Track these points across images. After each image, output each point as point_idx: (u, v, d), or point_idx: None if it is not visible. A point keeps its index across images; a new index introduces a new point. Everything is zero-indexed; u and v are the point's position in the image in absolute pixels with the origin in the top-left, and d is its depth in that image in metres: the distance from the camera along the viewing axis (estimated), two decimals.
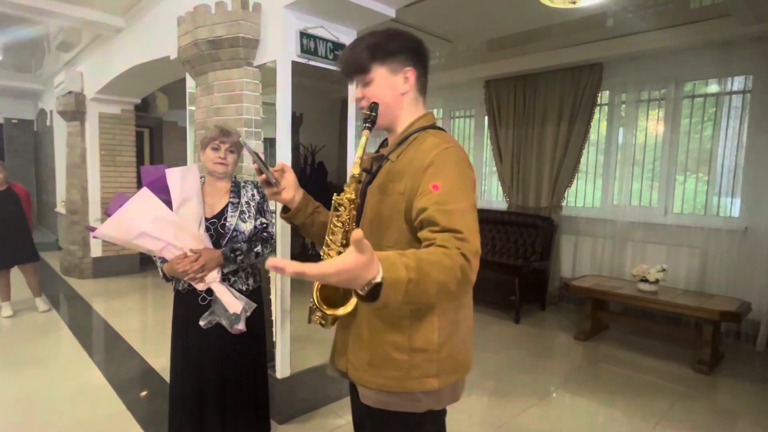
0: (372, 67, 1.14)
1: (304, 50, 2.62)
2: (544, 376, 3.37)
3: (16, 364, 3.40)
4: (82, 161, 6.01)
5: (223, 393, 1.99)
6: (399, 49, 1.14)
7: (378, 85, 1.15)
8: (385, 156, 1.19)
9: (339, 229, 1.16)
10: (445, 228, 0.97)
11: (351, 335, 1.23)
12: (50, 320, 4.40)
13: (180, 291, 1.99)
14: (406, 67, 1.15)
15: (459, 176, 1.05)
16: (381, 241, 1.15)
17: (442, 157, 1.05)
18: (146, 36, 4.28)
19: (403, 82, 1.16)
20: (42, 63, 7.00)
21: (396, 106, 1.18)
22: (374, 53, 1.14)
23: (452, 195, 1.01)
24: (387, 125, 1.22)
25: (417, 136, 1.14)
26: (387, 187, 1.14)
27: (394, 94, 1.16)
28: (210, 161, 1.95)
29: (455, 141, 1.14)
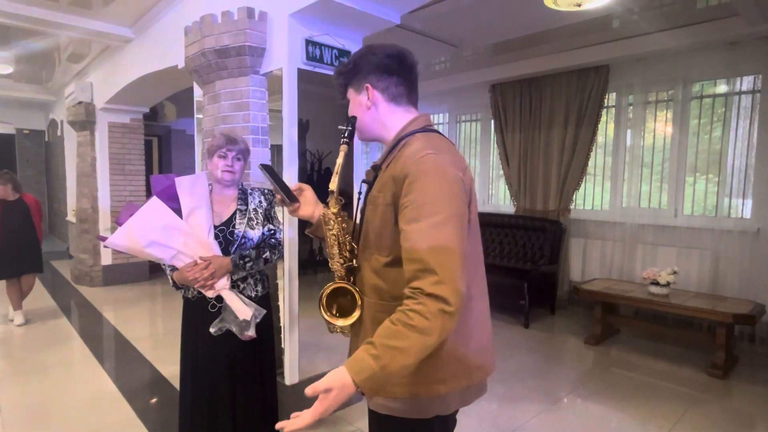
0: (347, 90, 1.26)
1: (310, 57, 2.64)
2: (554, 381, 3.34)
3: (28, 371, 3.43)
4: (92, 170, 6.08)
5: (232, 400, 1.99)
6: (359, 68, 1.21)
7: (351, 105, 1.26)
8: (379, 165, 1.21)
9: (334, 242, 1.24)
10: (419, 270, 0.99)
11: (360, 341, 1.23)
12: (61, 328, 4.44)
13: (190, 299, 2.00)
14: (365, 83, 1.21)
15: (433, 187, 1.02)
16: (378, 253, 1.16)
17: (416, 167, 1.04)
18: (154, 46, 4.34)
19: (366, 98, 1.21)
20: (53, 74, 7.11)
21: (368, 120, 1.23)
22: (344, 77, 1.25)
23: (426, 209, 1.01)
24: (371, 138, 1.27)
25: (405, 142, 1.15)
26: (377, 198, 1.15)
27: (362, 110, 1.23)
28: (217, 169, 1.97)
29: (441, 144, 1.12)
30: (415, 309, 0.97)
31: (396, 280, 1.08)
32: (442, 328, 0.96)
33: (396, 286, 1.08)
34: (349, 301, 1.23)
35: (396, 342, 0.95)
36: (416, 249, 1.00)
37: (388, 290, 1.14)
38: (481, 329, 1.19)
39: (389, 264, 1.13)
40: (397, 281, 1.08)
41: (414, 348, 0.95)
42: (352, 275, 1.25)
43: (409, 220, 1.02)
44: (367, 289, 1.19)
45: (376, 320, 1.16)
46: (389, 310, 1.13)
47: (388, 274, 1.13)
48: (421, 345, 0.96)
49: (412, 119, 1.20)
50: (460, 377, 1.13)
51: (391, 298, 1.13)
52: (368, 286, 1.19)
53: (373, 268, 1.17)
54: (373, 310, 1.18)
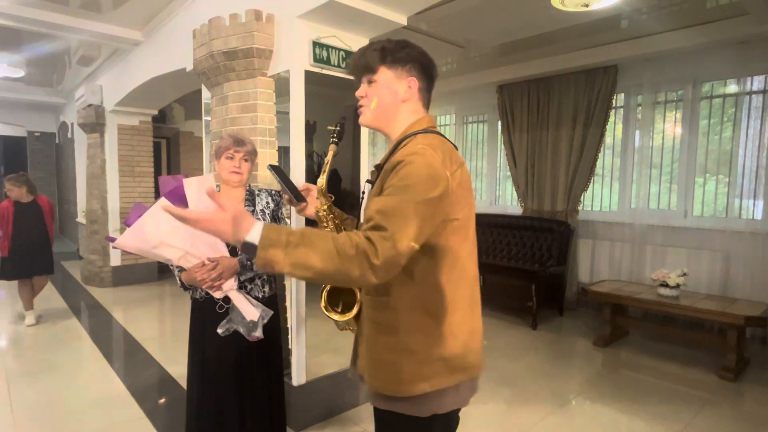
0: (379, 68, 1.19)
1: (317, 59, 2.65)
2: (562, 383, 3.32)
3: (38, 371, 3.47)
4: (101, 172, 6.14)
5: (239, 400, 2.00)
6: (408, 59, 1.19)
7: (381, 86, 1.20)
8: (381, 165, 1.22)
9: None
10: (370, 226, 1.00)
11: (361, 339, 1.26)
12: (71, 328, 4.49)
13: (197, 299, 2.01)
14: (411, 77, 1.19)
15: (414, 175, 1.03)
16: None
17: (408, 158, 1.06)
18: (163, 49, 4.38)
19: (405, 89, 1.20)
20: (63, 77, 7.20)
21: (393, 109, 1.21)
22: (384, 56, 1.19)
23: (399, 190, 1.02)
24: (382, 127, 1.25)
25: (407, 141, 1.17)
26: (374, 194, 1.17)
27: (394, 99, 1.20)
28: (225, 170, 1.98)
29: (437, 143, 1.13)
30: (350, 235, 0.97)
31: None
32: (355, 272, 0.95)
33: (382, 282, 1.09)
34: (353, 297, 1.25)
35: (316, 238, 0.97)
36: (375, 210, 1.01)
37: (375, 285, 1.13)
38: (467, 330, 1.18)
39: None
40: None
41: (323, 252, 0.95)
42: None
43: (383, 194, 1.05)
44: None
45: (368, 317, 1.20)
46: (376, 306, 1.15)
47: None
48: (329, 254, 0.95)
49: (417, 120, 1.22)
50: (444, 376, 1.14)
51: (376, 294, 1.16)
52: None
53: None
54: (366, 306, 1.22)
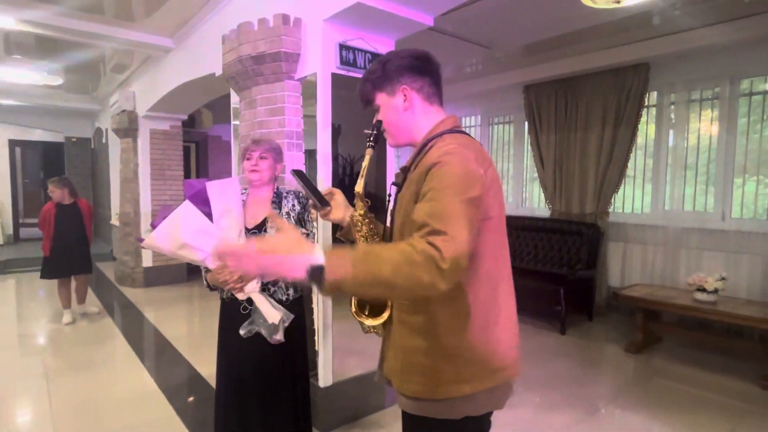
0: (375, 95, 1.24)
1: (344, 62, 2.67)
2: (592, 390, 3.23)
3: (76, 368, 3.59)
4: (134, 176, 6.32)
5: (263, 400, 2.01)
6: (390, 72, 1.21)
7: (384, 110, 1.24)
8: (408, 167, 1.22)
9: (363, 243, 1.28)
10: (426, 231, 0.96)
11: (388, 342, 1.25)
12: (105, 327, 4.63)
13: (225, 300, 2.04)
14: (401, 85, 1.20)
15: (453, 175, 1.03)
16: None
17: (441, 159, 1.06)
18: (193, 55, 4.48)
19: (401, 100, 1.21)
20: (98, 84, 7.46)
21: (404, 123, 1.23)
22: (373, 83, 1.23)
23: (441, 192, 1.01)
24: (405, 142, 1.27)
25: (434, 142, 1.16)
26: (405, 197, 1.17)
27: (398, 113, 1.22)
28: (245, 170, 2.01)
29: (467, 142, 1.13)
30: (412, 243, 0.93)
31: None
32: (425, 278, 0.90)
33: None
34: (382, 301, 1.25)
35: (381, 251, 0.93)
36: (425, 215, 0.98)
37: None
38: (504, 331, 1.17)
39: None
40: None
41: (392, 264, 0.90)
42: None
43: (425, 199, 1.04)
44: None
45: (400, 320, 1.18)
46: (410, 310, 1.14)
47: None
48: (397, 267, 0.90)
49: (441, 120, 1.22)
50: (483, 377, 1.12)
51: None
52: None
53: None
54: (398, 310, 1.20)
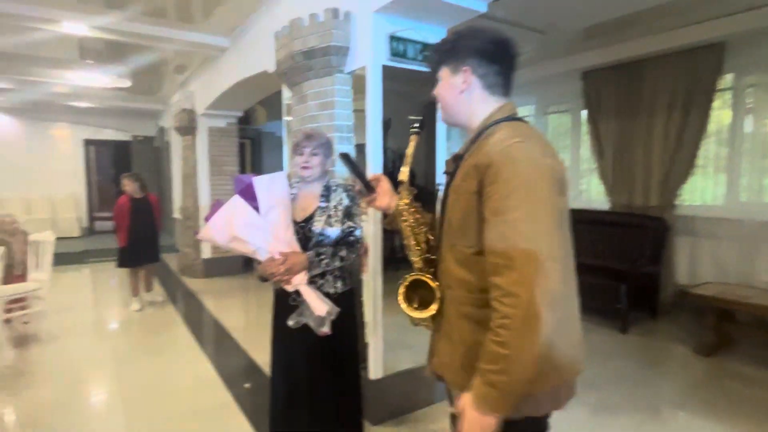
0: (440, 67, 1.20)
1: (394, 53, 2.64)
2: (655, 391, 3.04)
3: (142, 353, 3.83)
4: (193, 171, 6.63)
5: (314, 392, 2.03)
6: (459, 49, 1.17)
7: (442, 85, 1.22)
8: (461, 155, 1.17)
9: (409, 233, 1.25)
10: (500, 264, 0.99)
11: (442, 336, 1.22)
12: (169, 314, 4.90)
13: (277, 291, 2.08)
14: (464, 66, 1.16)
15: (521, 176, 0.98)
16: (462, 243, 1.12)
17: (502, 155, 1.01)
18: (247, 53, 4.61)
19: (460, 81, 1.17)
20: (161, 85, 7.87)
21: (457, 104, 1.19)
22: (440, 54, 1.20)
23: (511, 201, 0.98)
24: (456, 123, 1.23)
25: (489, 131, 1.11)
26: (460, 187, 1.12)
27: (454, 93, 1.19)
28: (297, 165, 2.03)
29: (528, 132, 1.07)
30: (501, 324, 0.97)
31: (483, 271, 1.05)
32: (533, 333, 0.95)
33: (483, 278, 1.05)
34: (430, 293, 1.21)
35: (496, 365, 0.98)
36: (498, 242, 0.98)
37: (475, 282, 1.10)
38: (572, 326, 1.13)
39: (474, 254, 1.09)
40: (484, 272, 1.05)
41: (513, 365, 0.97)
42: (432, 267, 1.23)
43: (493, 210, 1.00)
44: (451, 281, 1.16)
45: (462, 314, 1.14)
46: (477, 303, 1.10)
47: (475, 265, 1.09)
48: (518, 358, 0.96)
49: (498, 107, 1.16)
50: (550, 375, 1.08)
51: (478, 291, 1.09)
52: (453, 278, 1.16)
53: (457, 259, 1.14)
54: (459, 303, 1.15)
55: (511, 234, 0.96)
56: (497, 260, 0.99)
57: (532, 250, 0.95)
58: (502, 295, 0.97)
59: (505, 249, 0.97)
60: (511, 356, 0.96)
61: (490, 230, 1.01)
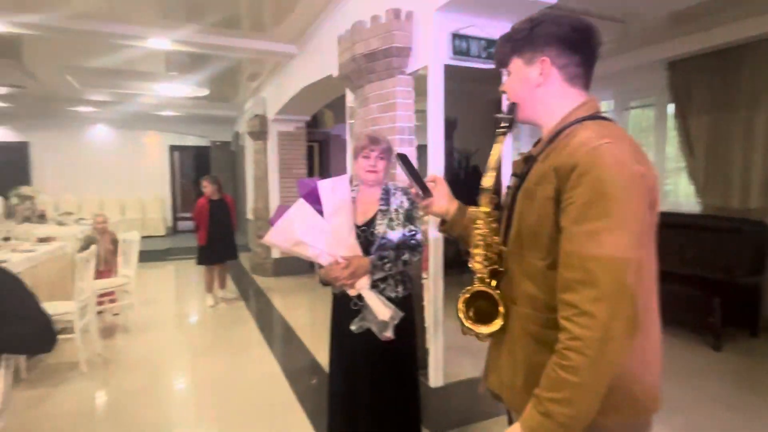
0: (511, 59, 1.08)
1: (457, 52, 2.55)
2: (751, 418, 2.68)
3: (214, 347, 4.04)
4: (264, 174, 6.92)
5: (372, 396, 2.01)
6: (536, 36, 1.03)
7: (513, 78, 1.08)
8: (534, 156, 1.05)
9: (480, 242, 1.12)
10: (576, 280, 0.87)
11: (503, 353, 1.11)
12: (240, 311, 5.14)
13: (336, 295, 2.08)
14: (541, 57, 1.03)
15: (607, 182, 0.86)
16: (531, 255, 1.01)
17: (589, 157, 0.88)
18: (313, 58, 4.72)
19: (537, 74, 1.04)
20: (237, 93, 8.30)
21: (532, 100, 1.06)
22: (513, 45, 1.07)
23: (595, 209, 0.86)
24: (527, 121, 1.11)
25: (571, 130, 0.98)
26: (534, 192, 1.00)
27: (528, 87, 1.05)
28: (362, 169, 2.01)
29: (618, 133, 0.94)
30: (570, 346, 0.86)
31: (554, 288, 0.94)
32: (608, 361, 0.84)
33: (554, 294, 0.94)
34: (490, 305, 1.12)
35: (559, 393, 0.87)
36: (577, 254, 0.87)
37: (543, 298, 0.99)
38: (653, 355, 0.99)
39: (546, 268, 0.98)
40: (555, 288, 0.94)
41: (581, 394, 0.85)
42: (497, 279, 1.13)
43: (573, 219, 0.88)
44: (517, 296, 1.06)
45: (529, 332, 1.03)
46: (545, 323, 0.99)
47: (545, 280, 0.98)
48: (588, 388, 0.85)
49: (581, 104, 1.03)
50: (624, 410, 0.95)
51: (546, 308, 0.98)
52: (519, 293, 1.05)
53: (525, 271, 1.03)
54: (525, 321, 1.04)
55: (592, 246, 0.85)
56: (572, 274, 0.88)
57: (614, 265, 0.84)
58: (575, 314, 0.86)
59: (584, 262, 0.86)
60: (579, 385, 0.85)
61: (567, 241, 0.90)
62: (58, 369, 3.46)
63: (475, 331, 1.13)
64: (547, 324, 0.98)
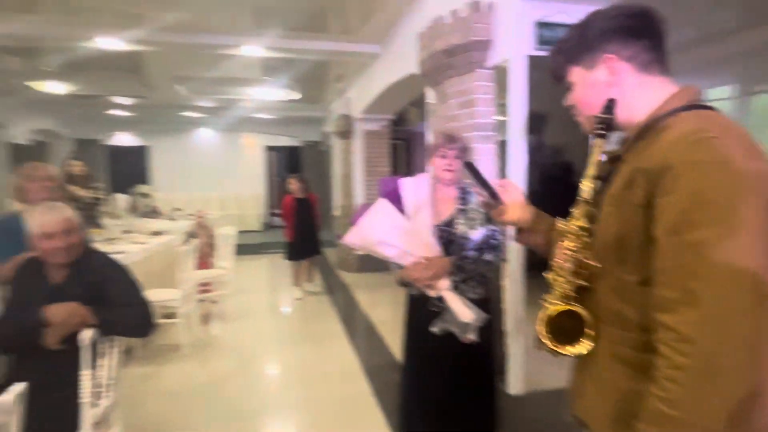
0: (568, 70, 1.00)
1: (543, 41, 2.42)
2: None
3: (299, 338, 4.25)
4: (350, 173, 7.12)
5: (448, 399, 1.97)
6: (590, 39, 0.94)
7: (579, 88, 1.00)
8: (620, 155, 0.94)
9: (568, 259, 0.98)
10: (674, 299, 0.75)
11: (589, 377, 1.00)
12: (324, 304, 5.34)
13: (413, 295, 2.07)
14: (603, 55, 0.93)
15: (712, 184, 0.73)
16: (620, 269, 0.90)
17: (687, 156, 0.76)
18: (396, 57, 4.74)
19: (606, 74, 0.93)
20: (325, 94, 8.63)
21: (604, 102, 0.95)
22: (566, 55, 1.00)
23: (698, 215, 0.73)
24: None
25: (664, 124, 0.85)
26: (621, 197, 0.88)
27: (599, 91, 0.95)
28: (438, 169, 1.97)
29: (724, 123, 0.80)
30: (669, 376, 0.75)
31: (647, 306, 0.83)
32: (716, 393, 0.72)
33: (647, 314, 0.83)
34: (575, 323, 1.00)
35: (661, 429, 0.76)
36: (675, 269, 0.76)
37: (634, 318, 0.88)
38: None
39: (637, 284, 0.87)
40: (648, 307, 0.83)
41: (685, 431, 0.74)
42: (581, 293, 1.01)
43: (669, 228, 0.77)
44: (603, 314, 0.95)
45: (618, 355, 0.92)
46: (636, 345, 0.87)
47: (635, 297, 0.87)
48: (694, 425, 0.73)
49: (674, 93, 0.89)
50: None
51: (638, 330, 0.87)
52: (605, 310, 0.94)
53: (612, 287, 0.92)
54: (612, 342, 0.93)
55: (693, 260, 0.73)
56: (670, 293, 0.76)
57: (721, 282, 0.71)
58: (674, 338, 0.75)
59: (683, 279, 0.74)
60: (682, 421, 0.74)
61: (662, 254, 0.78)
62: (165, 350, 3.85)
63: (557, 352, 1.03)
64: (641, 347, 0.86)
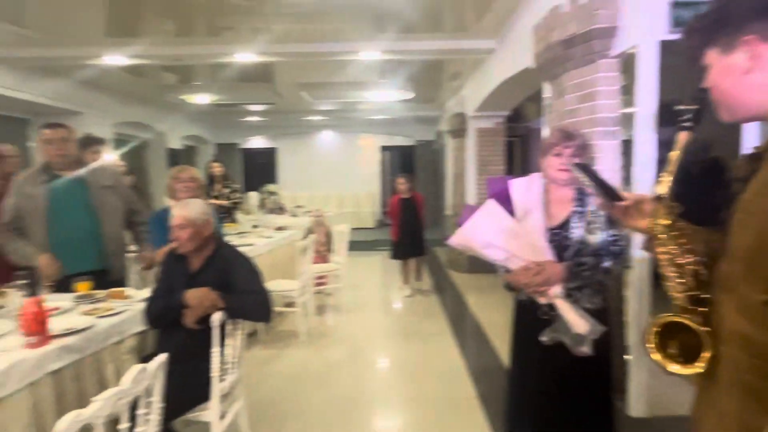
0: (704, 51, 0.90)
1: (678, 23, 2.14)
2: None
3: (405, 334, 4.33)
4: (462, 171, 7.03)
5: (558, 414, 1.85)
6: (729, 18, 0.82)
7: (713, 72, 0.89)
8: (759, 153, 0.81)
9: (667, 263, 0.90)
10: None
11: (711, 406, 0.88)
12: (433, 303, 5.36)
13: (521, 301, 1.98)
14: (743, 37, 0.80)
15: None
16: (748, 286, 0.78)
17: None
18: (511, 52, 4.56)
19: (744, 59, 0.81)
20: (439, 93, 8.63)
21: (745, 91, 0.83)
22: (702, 35, 0.90)
23: None
24: (748, 116, 0.87)
25: None
26: (755, 204, 0.77)
27: (733, 78, 0.83)
28: (552, 168, 1.85)
29: None
30: None
31: None
32: None
33: None
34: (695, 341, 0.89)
35: None
36: None
37: (763, 341, 0.76)
38: None
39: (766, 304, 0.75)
40: None
41: None
42: (701, 306, 0.89)
43: None
44: (727, 335, 0.83)
45: (741, 383, 0.80)
46: (765, 375, 0.75)
47: (765, 320, 0.75)
48: None
49: None
50: None
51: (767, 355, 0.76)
52: (729, 331, 0.82)
53: (738, 305, 0.81)
54: (737, 369, 0.81)
55: None
56: None
57: None
58: None
59: None
60: None
61: None
62: (284, 336, 4.21)
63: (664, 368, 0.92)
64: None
